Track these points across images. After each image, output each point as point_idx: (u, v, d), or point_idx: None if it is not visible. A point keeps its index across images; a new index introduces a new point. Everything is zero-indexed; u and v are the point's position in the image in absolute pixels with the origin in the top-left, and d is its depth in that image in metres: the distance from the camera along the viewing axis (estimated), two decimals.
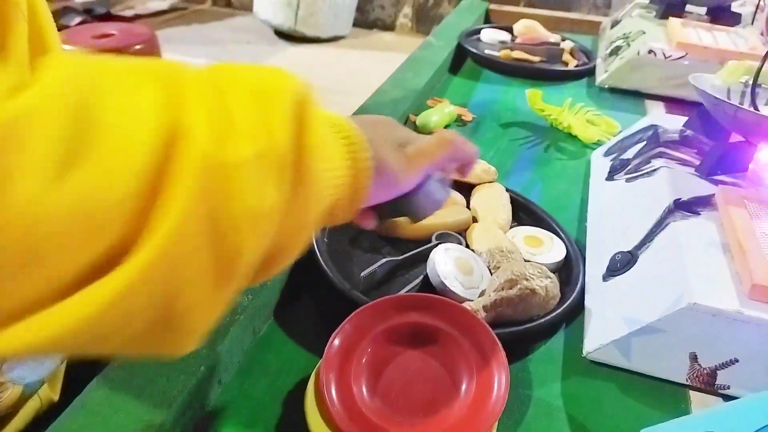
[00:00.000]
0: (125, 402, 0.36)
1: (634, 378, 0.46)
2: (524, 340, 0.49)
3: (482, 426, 0.37)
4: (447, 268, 0.50)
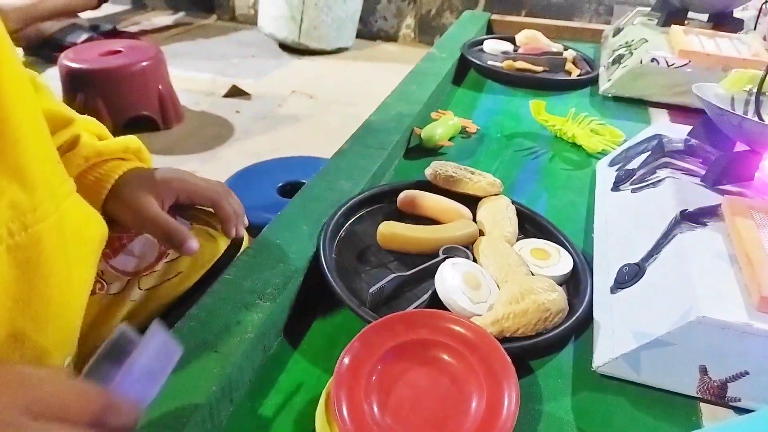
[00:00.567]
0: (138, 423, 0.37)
1: (644, 391, 0.45)
2: (533, 354, 0.49)
3: None
4: (455, 282, 0.51)
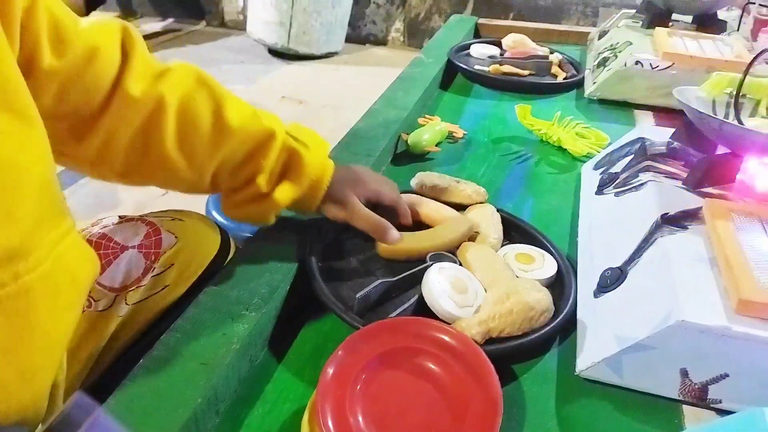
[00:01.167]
0: None
1: (627, 395, 0.46)
2: (518, 358, 0.49)
3: None
4: (441, 287, 0.51)
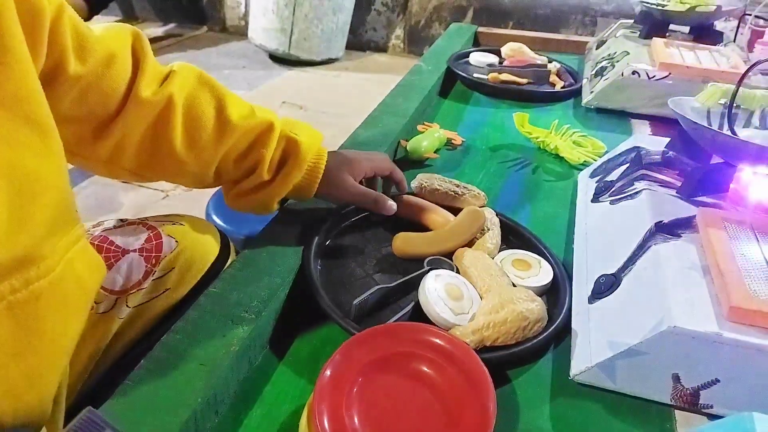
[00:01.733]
0: None
1: (620, 399, 0.47)
2: (513, 363, 0.50)
3: None
4: (437, 294, 0.52)
